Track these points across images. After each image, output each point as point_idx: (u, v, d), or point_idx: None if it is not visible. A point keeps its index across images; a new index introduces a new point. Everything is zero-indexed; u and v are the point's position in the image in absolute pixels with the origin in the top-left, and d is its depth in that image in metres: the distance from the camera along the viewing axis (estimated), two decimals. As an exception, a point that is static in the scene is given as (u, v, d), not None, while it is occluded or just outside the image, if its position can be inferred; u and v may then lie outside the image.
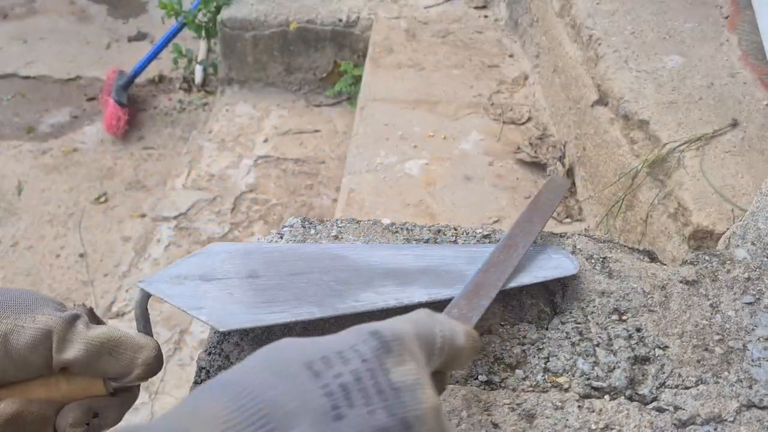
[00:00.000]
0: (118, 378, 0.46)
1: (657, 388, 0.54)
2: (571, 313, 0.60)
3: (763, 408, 0.53)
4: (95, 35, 3.09)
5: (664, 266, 0.67)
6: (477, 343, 0.40)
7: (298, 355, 0.31)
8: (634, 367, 0.55)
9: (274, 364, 0.30)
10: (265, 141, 2.26)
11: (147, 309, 0.51)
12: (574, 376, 0.55)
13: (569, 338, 0.58)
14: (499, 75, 1.90)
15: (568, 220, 1.42)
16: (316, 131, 2.30)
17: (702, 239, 0.98)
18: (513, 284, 0.58)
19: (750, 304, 0.62)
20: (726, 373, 0.55)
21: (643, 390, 0.54)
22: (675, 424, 0.52)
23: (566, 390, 0.54)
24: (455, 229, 0.69)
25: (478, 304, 0.51)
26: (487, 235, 0.68)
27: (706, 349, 0.57)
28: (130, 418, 1.47)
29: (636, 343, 0.57)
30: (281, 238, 0.67)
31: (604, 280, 0.63)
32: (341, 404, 0.29)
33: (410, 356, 0.33)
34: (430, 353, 0.35)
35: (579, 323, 0.59)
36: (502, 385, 0.54)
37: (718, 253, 0.68)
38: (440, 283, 0.58)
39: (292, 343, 0.32)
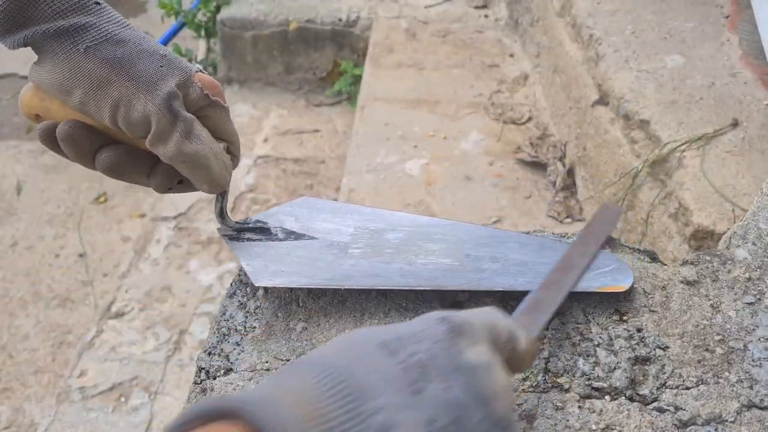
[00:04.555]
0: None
1: (658, 389, 0.54)
2: (571, 313, 0.60)
3: (763, 408, 0.53)
4: (95, 35, 3.08)
5: (665, 266, 0.66)
6: (537, 349, 0.41)
7: (373, 337, 0.32)
8: (634, 368, 0.55)
9: (351, 346, 0.32)
10: (265, 141, 2.26)
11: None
12: (574, 376, 0.55)
13: (570, 338, 0.58)
14: (499, 75, 1.90)
15: (569, 220, 1.42)
16: (316, 131, 2.30)
17: (703, 239, 0.98)
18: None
19: (751, 304, 0.61)
20: (727, 374, 0.55)
21: (644, 390, 0.54)
22: (675, 425, 0.51)
23: (567, 390, 0.54)
24: (455, 229, 0.68)
25: (538, 319, 0.50)
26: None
27: (707, 350, 0.57)
28: (130, 419, 1.47)
29: (636, 343, 0.57)
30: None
31: (605, 280, 0.63)
32: (419, 379, 0.29)
33: (482, 340, 0.34)
34: (495, 345, 0.36)
35: (579, 323, 0.59)
36: (503, 385, 0.54)
37: (718, 253, 0.68)
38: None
39: (366, 329, 0.34)
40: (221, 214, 0.61)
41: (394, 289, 0.59)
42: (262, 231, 0.63)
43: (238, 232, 0.63)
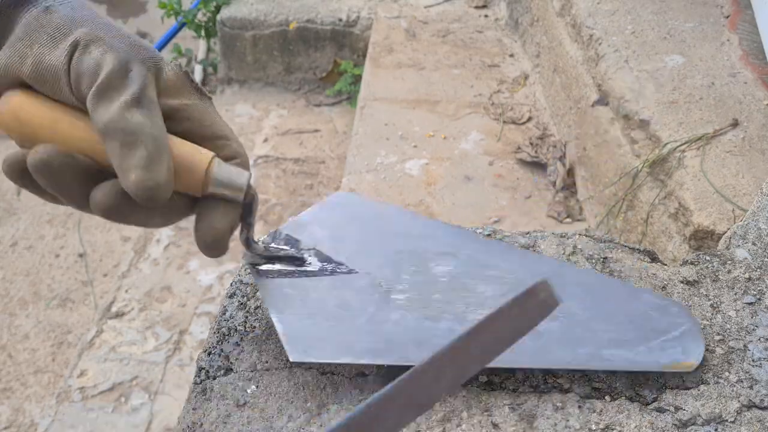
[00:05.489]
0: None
1: (658, 389, 0.54)
2: (571, 313, 0.60)
3: (763, 408, 0.53)
4: (95, 35, 3.08)
5: (665, 266, 0.66)
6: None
7: None
8: (634, 368, 0.55)
9: None
10: (265, 141, 2.26)
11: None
12: (574, 376, 0.54)
13: (570, 338, 0.57)
14: (499, 74, 1.90)
15: (569, 220, 1.42)
16: (316, 131, 2.30)
17: (703, 239, 0.98)
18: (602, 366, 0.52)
19: (751, 304, 0.61)
20: (727, 374, 0.55)
21: (644, 390, 0.54)
22: (675, 425, 0.51)
23: (567, 390, 0.53)
24: (455, 229, 0.68)
25: None
26: (488, 235, 0.68)
27: (707, 350, 0.57)
28: (130, 419, 1.47)
29: (637, 343, 0.57)
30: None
31: (605, 280, 0.63)
32: None
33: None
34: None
35: (579, 323, 0.59)
36: (503, 385, 0.54)
37: (718, 253, 0.68)
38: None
39: None
40: (247, 242, 0.52)
41: None
42: (294, 260, 0.55)
43: (267, 260, 0.55)
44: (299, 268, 0.55)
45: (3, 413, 1.52)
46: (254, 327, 0.58)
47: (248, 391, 0.52)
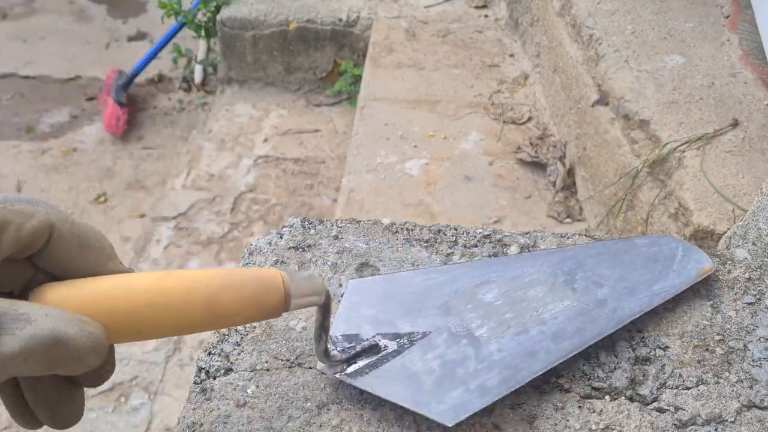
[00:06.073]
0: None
1: (658, 389, 0.54)
2: (571, 313, 0.60)
3: (763, 408, 0.53)
4: (95, 35, 3.09)
5: (665, 266, 0.66)
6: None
7: None
8: (634, 368, 0.55)
9: None
10: (265, 141, 2.26)
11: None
12: (574, 376, 0.55)
13: (570, 338, 0.57)
14: (499, 74, 1.90)
15: (569, 220, 1.42)
16: (316, 131, 2.30)
17: (703, 239, 0.98)
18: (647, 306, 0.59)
19: (751, 304, 0.61)
20: (727, 374, 0.55)
21: (644, 390, 0.54)
22: (676, 425, 0.51)
23: (567, 390, 0.54)
24: (455, 229, 0.69)
25: None
26: (488, 235, 0.68)
27: (707, 350, 0.57)
28: (129, 419, 1.47)
29: (636, 343, 0.57)
30: (281, 238, 0.67)
31: (605, 280, 0.63)
32: None
33: None
34: None
35: (579, 323, 0.59)
36: (503, 385, 0.54)
37: (718, 253, 0.68)
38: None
39: None
40: (326, 353, 0.50)
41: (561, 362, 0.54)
42: (372, 349, 0.54)
43: (348, 363, 0.53)
44: (380, 354, 0.54)
45: (3, 413, 1.52)
46: (254, 327, 0.58)
47: (248, 391, 0.52)
